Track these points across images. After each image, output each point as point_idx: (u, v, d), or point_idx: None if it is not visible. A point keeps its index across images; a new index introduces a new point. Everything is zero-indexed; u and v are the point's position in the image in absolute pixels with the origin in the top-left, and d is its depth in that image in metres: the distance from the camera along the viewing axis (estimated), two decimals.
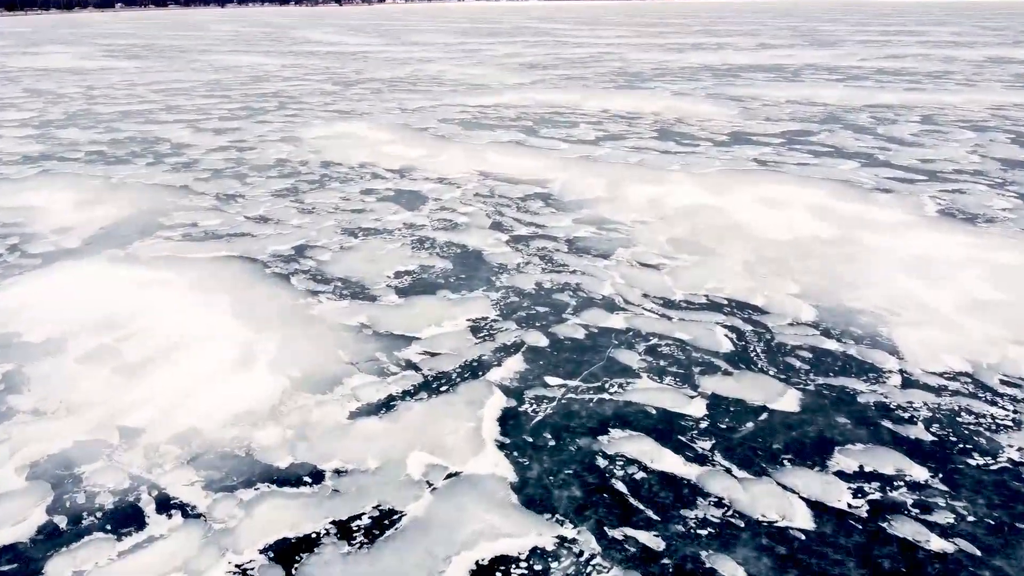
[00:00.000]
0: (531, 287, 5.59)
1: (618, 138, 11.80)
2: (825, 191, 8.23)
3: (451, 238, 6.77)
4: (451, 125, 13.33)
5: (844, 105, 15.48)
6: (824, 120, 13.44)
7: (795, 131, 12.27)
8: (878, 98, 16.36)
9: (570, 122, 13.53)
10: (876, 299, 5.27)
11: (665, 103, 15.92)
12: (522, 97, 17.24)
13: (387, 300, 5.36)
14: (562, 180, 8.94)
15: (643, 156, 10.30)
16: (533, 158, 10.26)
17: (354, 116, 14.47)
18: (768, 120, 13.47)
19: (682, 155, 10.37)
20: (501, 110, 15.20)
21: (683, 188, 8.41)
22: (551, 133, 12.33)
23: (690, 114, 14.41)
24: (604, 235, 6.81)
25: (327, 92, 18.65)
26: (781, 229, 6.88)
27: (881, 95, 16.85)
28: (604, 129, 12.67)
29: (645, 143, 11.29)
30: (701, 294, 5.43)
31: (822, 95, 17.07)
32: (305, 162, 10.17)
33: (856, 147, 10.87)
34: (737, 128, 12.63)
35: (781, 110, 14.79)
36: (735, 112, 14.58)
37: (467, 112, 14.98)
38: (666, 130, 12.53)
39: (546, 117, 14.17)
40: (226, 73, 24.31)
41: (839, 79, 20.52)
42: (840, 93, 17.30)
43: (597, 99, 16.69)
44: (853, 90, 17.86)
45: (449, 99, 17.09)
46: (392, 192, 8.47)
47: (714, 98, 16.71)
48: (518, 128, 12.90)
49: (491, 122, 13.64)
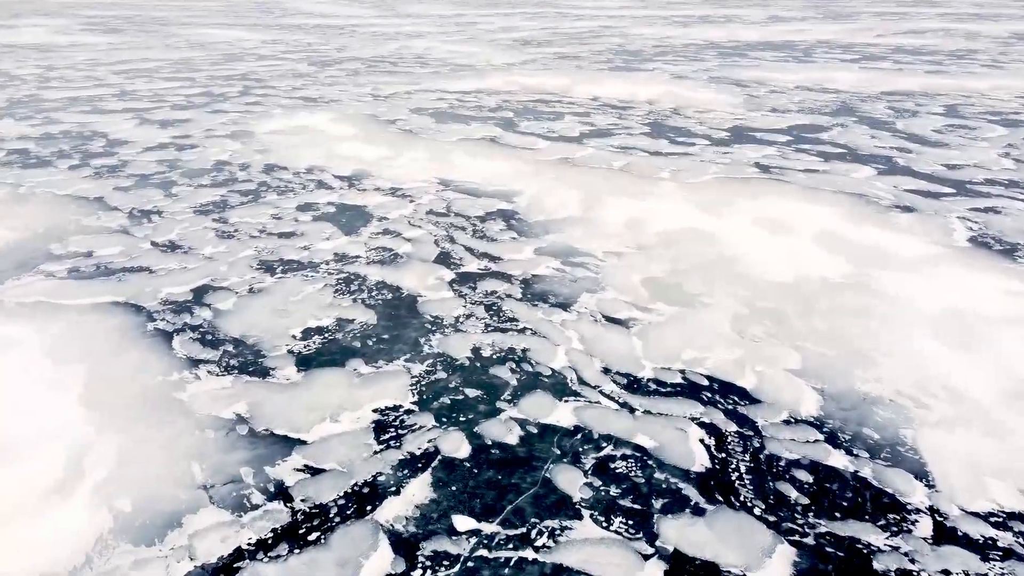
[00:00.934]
0: (466, 355, 4.50)
1: (605, 134, 10.57)
2: (835, 210, 7.05)
3: (385, 276, 5.66)
4: (423, 117, 12.10)
5: (859, 92, 14.12)
6: (836, 111, 12.14)
7: (803, 125, 11.00)
8: (896, 83, 14.98)
9: (554, 113, 12.27)
10: (896, 380, 4.16)
11: (662, 88, 14.59)
12: (508, 81, 15.92)
13: (282, 375, 4.28)
14: (532, 192, 7.77)
15: (629, 158, 9.10)
16: (505, 160, 9.07)
17: (320, 105, 13.24)
18: (774, 111, 12.18)
19: (674, 157, 9.16)
20: (482, 97, 13.93)
21: (670, 205, 7.24)
22: (531, 127, 11.10)
23: (688, 102, 13.12)
24: (569, 273, 5.69)
25: (300, 74, 17.35)
26: (781, 266, 5.74)
27: (899, 80, 15.46)
28: (591, 122, 11.43)
29: (634, 140, 10.07)
30: (676, 368, 4.33)
31: (835, 79, 15.68)
32: (247, 165, 9.02)
33: (872, 147, 9.62)
34: (739, 121, 11.36)
35: (789, 98, 13.47)
36: (738, 101, 13.27)
37: (444, 100, 13.72)
38: (660, 123, 11.28)
39: (529, 106, 12.91)
40: (200, 51, 22.96)
41: (854, 59, 19.05)
42: (855, 77, 15.91)
43: (589, 83, 15.37)
44: (869, 73, 16.45)
45: (429, 83, 15.80)
46: (333, 208, 7.34)
47: (716, 83, 15.36)
48: (496, 120, 11.67)
49: (468, 112, 12.40)
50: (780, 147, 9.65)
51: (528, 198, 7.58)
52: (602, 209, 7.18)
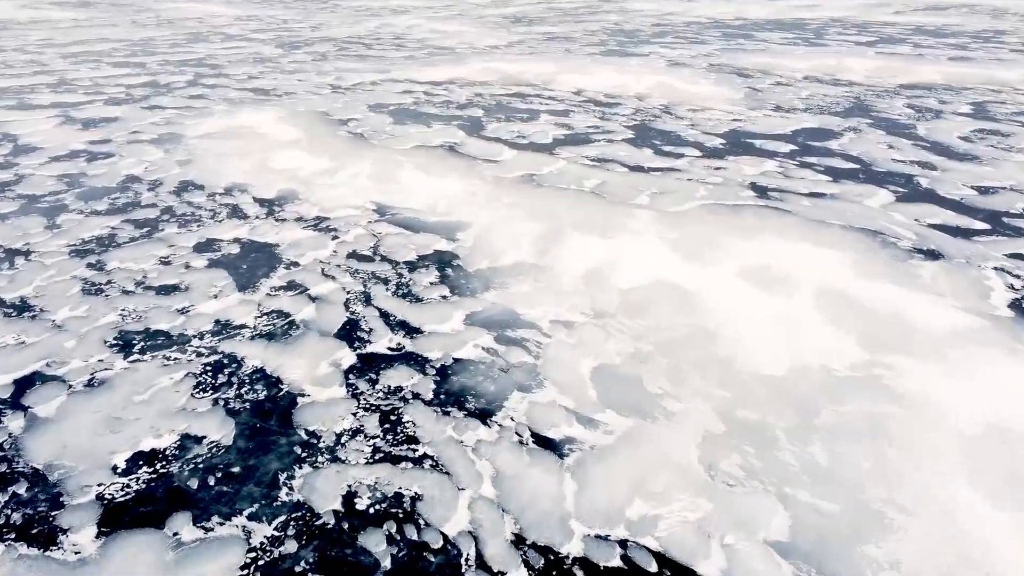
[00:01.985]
0: (333, 507, 3.31)
1: (582, 140, 9.25)
2: (844, 256, 5.78)
3: (269, 360, 4.46)
4: (381, 115, 10.77)
5: (875, 84, 12.66)
6: (849, 111, 10.73)
7: (810, 130, 9.63)
8: (917, 73, 13.49)
9: (529, 111, 10.91)
10: (923, 560, 2.97)
11: (656, 79, 13.16)
12: (486, 68, 14.49)
13: (71, 543, 3.11)
14: (482, 225, 6.52)
15: (605, 176, 7.80)
16: (459, 178, 7.79)
17: (271, 99, 11.91)
18: (778, 110, 10.78)
19: (657, 174, 7.86)
20: (453, 90, 12.55)
21: (643, 246, 5.99)
22: (500, 130, 9.77)
23: (683, 98, 11.71)
24: (501, 357, 4.48)
25: (262, 59, 15.94)
26: (773, 348, 4.51)
27: (920, 68, 13.96)
28: (568, 124, 10.08)
29: (614, 150, 8.75)
30: (615, 538, 3.14)
31: (848, 68, 14.19)
32: (158, 183, 7.78)
33: (888, 160, 8.28)
34: (737, 123, 10.00)
35: (796, 92, 12.04)
36: (739, 95, 11.85)
37: (411, 93, 12.35)
38: (646, 126, 9.93)
39: (503, 102, 11.54)
40: (167, 29, 21.49)
41: (869, 41, 17.47)
42: (870, 65, 14.40)
43: (575, 72, 13.93)
44: (886, 59, 14.93)
45: (400, 71, 14.39)
46: (237, 248, 6.12)
47: (717, 72, 13.90)
48: (462, 121, 10.33)
49: (433, 110, 11.05)
50: (782, 160, 8.32)
51: (475, 234, 6.33)
52: (560, 251, 5.93)
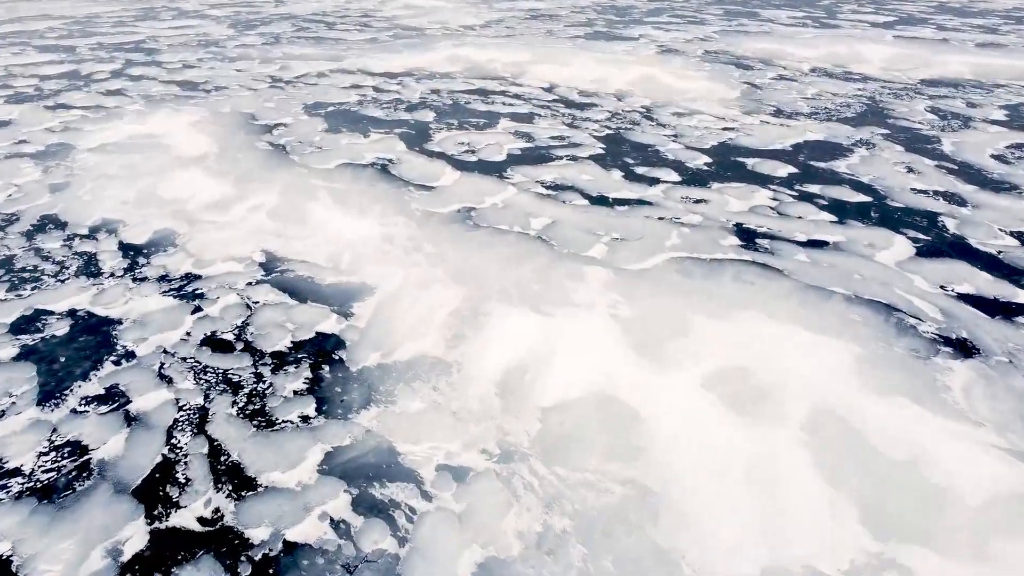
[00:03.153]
0: None
1: (542, 157, 7.77)
2: (847, 354, 4.36)
3: (14, 546, 3.14)
4: (316, 118, 9.28)
5: (892, 79, 11.04)
6: (861, 116, 9.17)
7: (814, 145, 8.11)
8: (941, 64, 11.83)
9: (489, 115, 9.39)
10: None
11: (642, 71, 11.56)
12: (453, 56, 12.88)
13: None
14: (386, 292, 5.12)
15: (559, 212, 6.36)
16: (377, 217, 6.36)
17: (197, 96, 10.41)
18: (778, 116, 9.23)
19: (623, 209, 6.41)
20: (408, 84, 11.00)
21: (585, 333, 4.59)
22: (447, 141, 8.28)
23: (669, 96, 10.15)
24: (351, 542, 3.14)
25: (208, 42, 14.34)
26: (742, 532, 3.14)
27: (944, 58, 12.28)
28: (530, 134, 8.58)
29: (576, 173, 7.28)
30: None
31: (862, 57, 12.52)
32: (13, 219, 6.38)
33: (907, 191, 6.79)
34: (729, 135, 8.48)
35: (800, 90, 10.45)
36: (734, 94, 10.28)
37: (359, 88, 10.81)
38: (621, 138, 8.42)
39: (461, 102, 10.01)
40: (116, 5, 19.80)
41: (887, 22, 15.70)
42: (887, 54, 12.72)
43: (551, 61, 12.32)
44: (905, 46, 13.22)
45: (355, 57, 12.80)
46: (65, 328, 4.74)
47: (712, 62, 12.26)
48: (407, 127, 8.84)
49: (378, 111, 9.54)
50: (777, 188, 6.85)
51: (376, 306, 4.94)
52: (477, 339, 4.55)
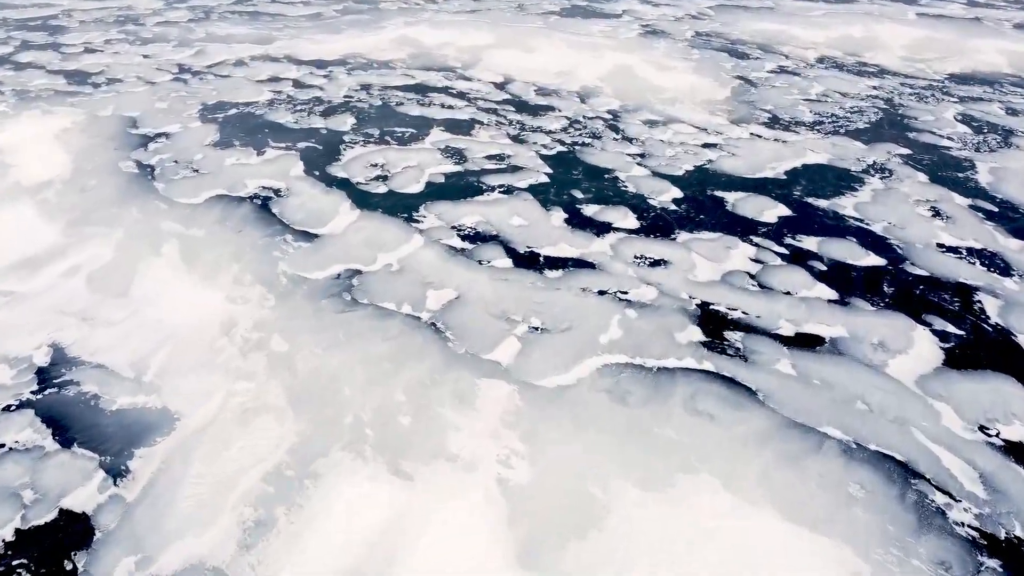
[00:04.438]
0: None
1: (468, 190, 6.12)
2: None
3: None
4: (208, 126, 7.59)
5: (915, 72, 9.25)
6: (876, 128, 7.44)
7: (814, 172, 6.43)
8: (973, 51, 9.99)
9: (422, 121, 7.69)
10: None
11: (616, 61, 9.77)
12: (402, 38, 11.07)
13: None
14: (186, 432, 3.57)
15: (466, 283, 4.75)
16: (223, 293, 4.75)
17: (82, 92, 8.71)
18: (773, 127, 7.50)
19: (553, 280, 4.79)
20: (338, 77, 9.25)
21: (445, 527, 3.05)
22: (358, 165, 6.62)
23: (643, 96, 8.41)
24: None
25: (127, 18, 12.51)
26: None
27: (977, 43, 10.42)
28: (463, 152, 6.90)
29: (506, 215, 5.63)
30: None
31: (879, 41, 10.67)
32: None
33: (933, 248, 5.15)
34: (708, 155, 6.79)
35: (804, 89, 8.69)
36: (723, 94, 8.53)
37: (277, 82, 9.08)
38: (575, 160, 6.75)
39: (393, 102, 8.28)
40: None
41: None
42: (910, 37, 10.84)
43: (513, 46, 10.51)
44: (931, 27, 11.33)
45: (286, 40, 11.01)
46: None
47: (703, 47, 10.44)
48: (315, 140, 7.15)
49: (288, 117, 7.84)
50: (762, 243, 5.22)
51: (160, 462, 3.39)
52: (290, 528, 3.03)
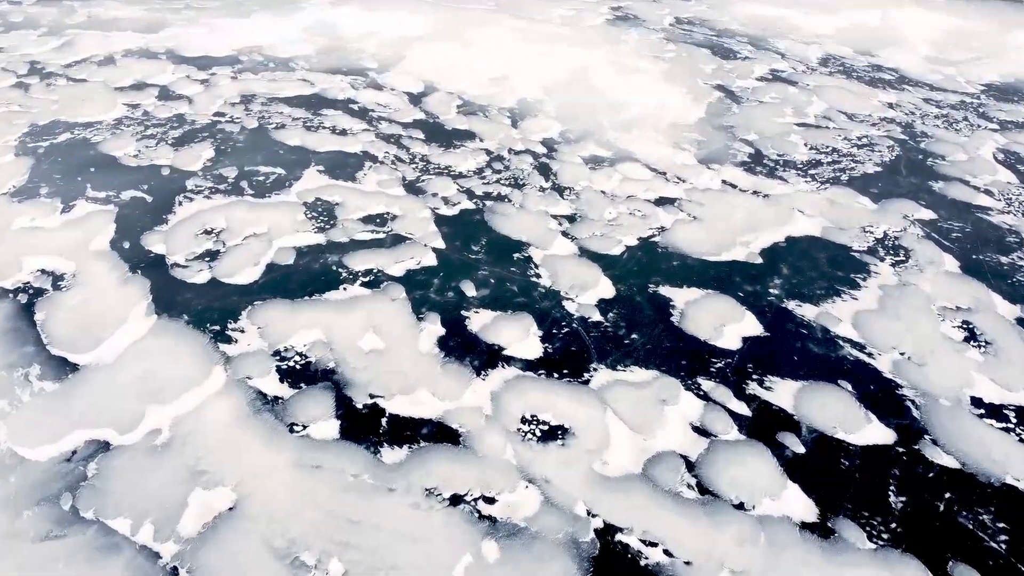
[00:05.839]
0: None
1: (324, 274, 4.38)
2: None
3: None
4: (20, 163, 5.75)
5: (943, 80, 7.35)
6: (890, 173, 5.64)
7: (802, 253, 4.67)
8: (1016, 51, 8.04)
9: (298, 158, 5.88)
10: None
11: (574, 59, 7.86)
12: (317, 26, 9.11)
13: None
14: None
15: (216, 553, 3.10)
16: None
17: None
18: (753, 171, 5.68)
19: (391, 474, 3.13)
20: (217, 84, 7.36)
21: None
22: (185, 235, 4.84)
23: (595, 117, 6.56)
24: None
25: None
26: None
27: (1021, 38, 8.45)
28: (334, 214, 5.11)
29: (350, 351, 3.91)
30: None
31: (899, 35, 8.69)
32: None
33: (965, 414, 3.47)
34: (661, 219, 5.01)
35: (800, 107, 6.82)
36: (696, 114, 6.67)
37: (140, 92, 7.21)
38: (482, 225, 4.97)
39: (270, 127, 6.45)
40: None
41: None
42: (937, 29, 8.84)
43: (451, 37, 8.57)
44: (963, 13, 9.30)
45: (178, 27, 9.07)
46: None
47: (682, 40, 8.49)
48: (146, 191, 5.35)
49: (127, 148, 6.00)
50: (718, 401, 3.54)
51: None
52: None
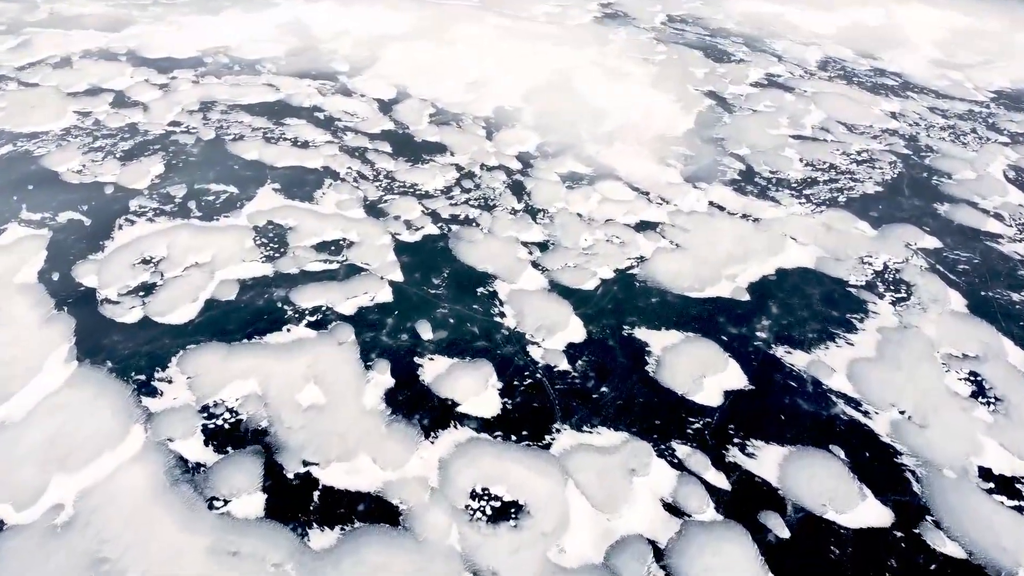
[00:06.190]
0: None
1: (267, 311, 4.00)
2: None
3: None
4: None
5: (950, 87, 6.91)
6: (891, 194, 5.23)
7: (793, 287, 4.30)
8: None
9: (253, 175, 5.44)
10: None
11: (558, 61, 7.41)
12: (291, 24, 8.63)
13: None
14: None
15: None
16: None
17: None
18: (743, 191, 5.26)
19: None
20: (177, 88, 6.91)
21: None
22: (121, 265, 4.45)
23: (577, 130, 6.13)
24: None
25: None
26: None
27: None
28: (285, 240, 4.68)
29: (285, 407, 3.50)
30: None
31: (903, 36, 8.21)
32: None
33: (971, 488, 3.11)
34: (643, 244, 4.62)
35: (796, 117, 6.39)
36: (685, 125, 6.24)
37: (94, 98, 6.76)
38: (445, 254, 4.58)
39: (229, 141, 6.01)
40: None
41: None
42: (942, 29, 8.36)
43: (430, 36, 8.11)
44: (971, 10, 8.81)
45: (141, 26, 8.59)
46: None
47: (673, 40, 8.02)
48: (85, 212, 4.91)
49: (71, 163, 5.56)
50: (693, 472, 3.18)
51: None
52: None
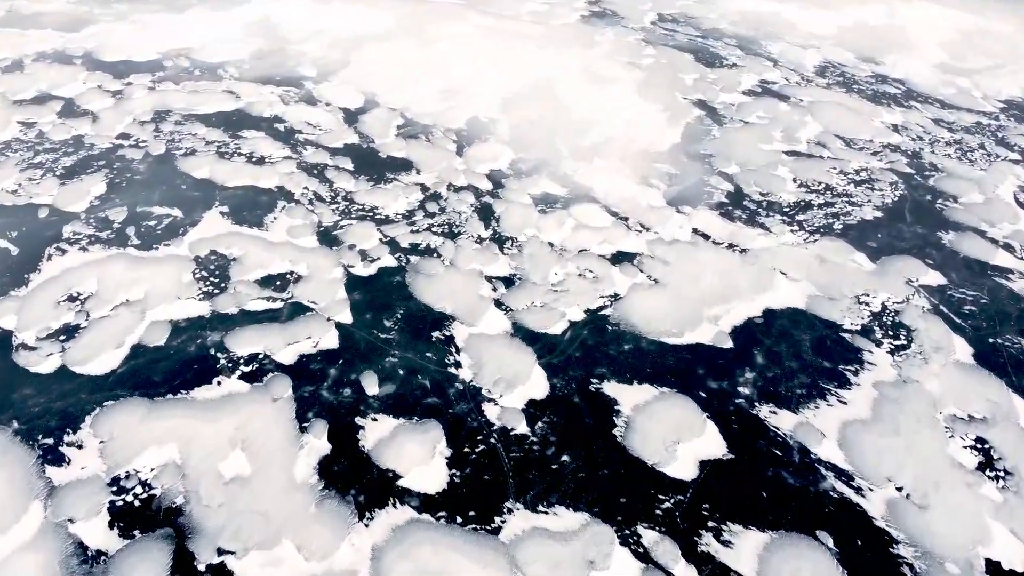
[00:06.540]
0: None
1: (195, 362, 3.65)
2: None
3: None
4: None
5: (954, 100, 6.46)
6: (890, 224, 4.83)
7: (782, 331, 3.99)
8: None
9: (201, 195, 5.06)
10: None
11: (540, 66, 6.95)
12: (260, 23, 8.19)
13: None
14: None
15: None
16: None
17: None
18: (731, 217, 4.86)
19: None
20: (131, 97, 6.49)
21: None
22: (45, 303, 4.10)
23: (555, 143, 5.70)
24: None
25: None
26: None
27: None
28: (227, 274, 4.36)
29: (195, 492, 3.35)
30: None
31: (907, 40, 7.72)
32: None
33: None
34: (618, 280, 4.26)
35: (791, 129, 5.94)
36: (671, 139, 5.80)
37: (41, 106, 6.37)
38: (399, 290, 4.20)
39: (180, 156, 5.60)
40: None
41: None
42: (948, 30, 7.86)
43: (410, 34, 7.67)
44: (979, 9, 8.30)
45: (102, 25, 8.15)
46: None
47: (663, 42, 7.56)
48: (14, 240, 4.58)
49: (7, 186, 5.21)
50: (664, 569, 2.78)
51: None
52: None
